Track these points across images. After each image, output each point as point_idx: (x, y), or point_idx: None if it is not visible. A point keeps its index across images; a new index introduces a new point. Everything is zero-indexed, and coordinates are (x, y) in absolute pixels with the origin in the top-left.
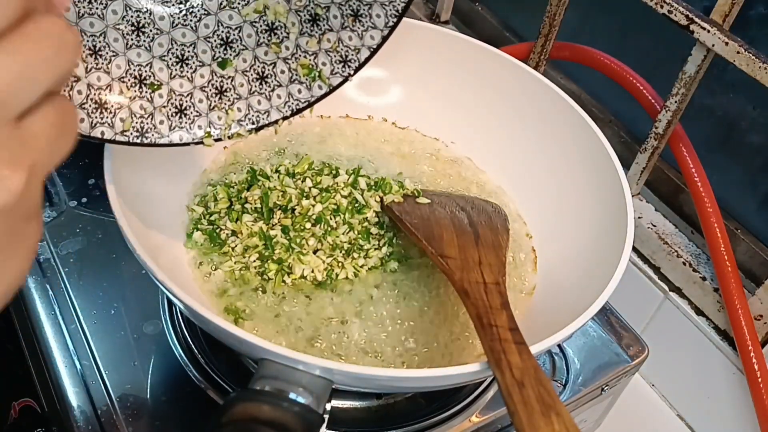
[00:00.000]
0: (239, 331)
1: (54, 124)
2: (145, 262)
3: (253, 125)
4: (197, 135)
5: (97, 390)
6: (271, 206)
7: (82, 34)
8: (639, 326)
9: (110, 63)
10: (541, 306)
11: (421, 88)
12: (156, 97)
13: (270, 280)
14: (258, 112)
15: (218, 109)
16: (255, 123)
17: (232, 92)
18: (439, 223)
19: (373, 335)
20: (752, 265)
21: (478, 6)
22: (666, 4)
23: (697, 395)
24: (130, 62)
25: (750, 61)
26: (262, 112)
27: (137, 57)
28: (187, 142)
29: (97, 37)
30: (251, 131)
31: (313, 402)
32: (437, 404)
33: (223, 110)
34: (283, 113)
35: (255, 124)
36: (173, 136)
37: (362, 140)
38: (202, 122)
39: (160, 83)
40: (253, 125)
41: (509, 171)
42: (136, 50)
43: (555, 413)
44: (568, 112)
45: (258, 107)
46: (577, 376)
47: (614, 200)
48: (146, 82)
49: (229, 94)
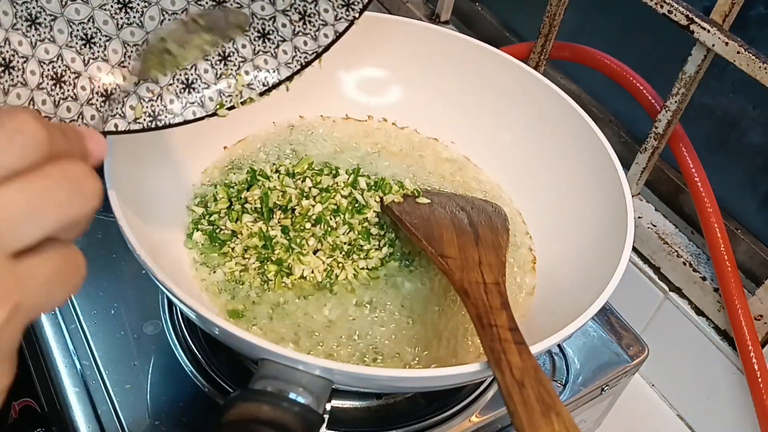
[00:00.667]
0: (239, 331)
1: (54, 270)
2: (145, 263)
3: (264, 86)
4: (209, 107)
5: (97, 390)
6: (271, 206)
7: (71, 25)
8: (639, 326)
9: (106, 49)
10: (541, 306)
11: (421, 88)
12: (161, 77)
13: (270, 281)
14: (267, 72)
15: (226, 77)
16: (265, 84)
17: (236, 56)
18: (439, 223)
19: (373, 335)
20: (752, 265)
21: (478, 6)
22: (666, 4)
23: (697, 395)
24: (125, 44)
25: (750, 61)
26: (270, 71)
27: (131, 36)
28: (201, 116)
29: (86, 24)
30: (264, 93)
31: (313, 402)
32: (437, 404)
33: (231, 76)
34: (292, 68)
35: (266, 86)
36: (186, 113)
37: (362, 140)
38: (212, 93)
39: None
40: (264, 86)
41: (509, 171)
42: (128, 29)
43: (555, 413)
44: (568, 112)
45: (266, 66)
46: (577, 376)
47: (614, 200)
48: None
49: (233, 58)
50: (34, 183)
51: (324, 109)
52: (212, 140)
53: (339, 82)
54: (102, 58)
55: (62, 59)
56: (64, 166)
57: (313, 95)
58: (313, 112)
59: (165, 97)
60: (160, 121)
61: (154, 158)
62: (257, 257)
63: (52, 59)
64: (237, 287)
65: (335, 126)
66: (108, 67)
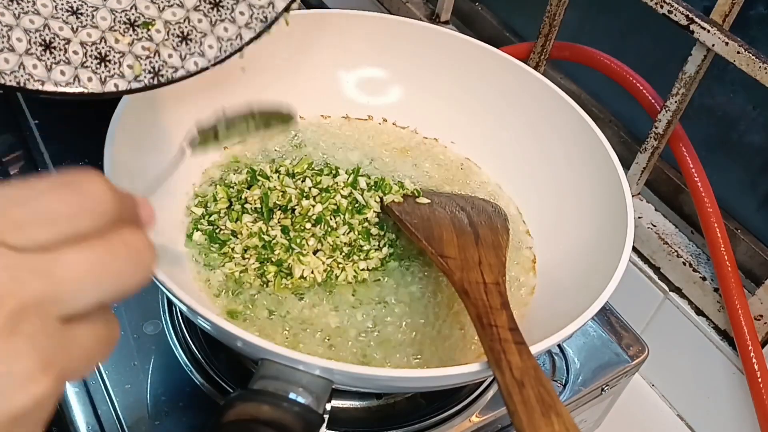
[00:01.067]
0: (239, 331)
1: (98, 338)
2: None
3: (262, 22)
4: (210, 56)
5: (97, 390)
6: (271, 206)
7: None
8: (639, 326)
9: (94, 18)
10: (541, 306)
11: (421, 88)
12: (154, 34)
13: (269, 282)
14: (262, 7)
15: (221, 22)
16: (265, 20)
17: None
18: (439, 223)
19: (373, 336)
20: (752, 265)
21: (478, 6)
22: (666, 4)
23: (697, 395)
24: (113, 11)
25: (750, 61)
26: (266, 6)
27: (118, 4)
28: (204, 66)
29: None
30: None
31: (313, 402)
32: (437, 404)
33: (227, 20)
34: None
35: (265, 21)
36: (188, 64)
37: (362, 140)
38: (211, 41)
39: (152, 19)
40: (262, 22)
41: (509, 171)
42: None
43: (555, 413)
44: (568, 112)
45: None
46: (577, 376)
47: (614, 200)
48: (138, 23)
49: (225, 2)
50: (98, 249)
51: (324, 109)
52: None
53: (339, 82)
54: (91, 25)
55: (49, 28)
56: (126, 236)
57: (313, 95)
58: (313, 112)
59: (163, 52)
60: (162, 76)
61: (155, 158)
62: (257, 258)
63: (38, 28)
64: (237, 287)
65: (335, 126)
66: (98, 33)
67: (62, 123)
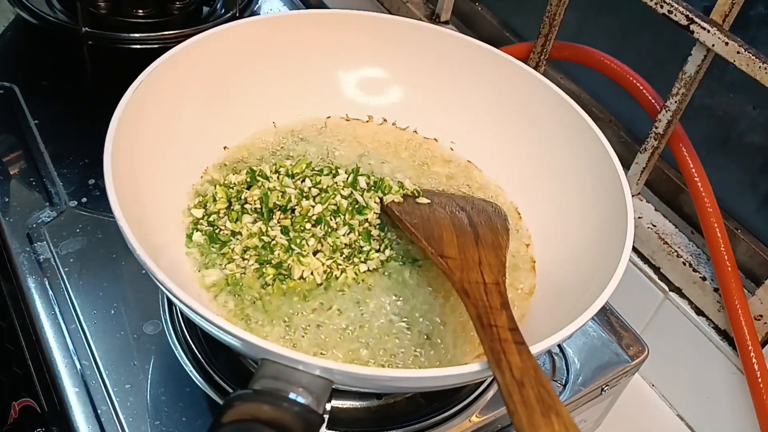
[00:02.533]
0: (239, 331)
1: None
2: (145, 263)
3: None
4: None
5: (97, 390)
6: (270, 206)
7: None
8: (639, 326)
9: None
10: (541, 306)
11: (421, 88)
12: None
13: (269, 284)
14: None
15: None
16: None
17: None
18: (439, 223)
19: (373, 335)
20: (752, 265)
21: (478, 6)
22: (666, 4)
23: (697, 395)
24: None
25: (750, 61)
26: None
27: None
28: None
29: None
30: None
31: (313, 402)
32: (437, 404)
33: None
34: None
35: None
36: None
37: (362, 141)
38: None
39: None
40: None
41: (509, 171)
42: None
43: (555, 413)
44: (568, 112)
45: None
46: (577, 376)
47: (614, 200)
48: None
49: None
50: None
51: (324, 109)
52: (212, 140)
53: (339, 82)
54: None
55: None
56: None
57: (313, 95)
58: (313, 112)
59: None
60: None
61: (155, 158)
62: (257, 258)
63: None
64: (237, 287)
65: (335, 126)
66: None
67: (62, 123)
